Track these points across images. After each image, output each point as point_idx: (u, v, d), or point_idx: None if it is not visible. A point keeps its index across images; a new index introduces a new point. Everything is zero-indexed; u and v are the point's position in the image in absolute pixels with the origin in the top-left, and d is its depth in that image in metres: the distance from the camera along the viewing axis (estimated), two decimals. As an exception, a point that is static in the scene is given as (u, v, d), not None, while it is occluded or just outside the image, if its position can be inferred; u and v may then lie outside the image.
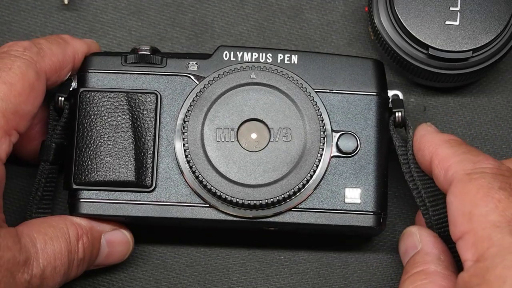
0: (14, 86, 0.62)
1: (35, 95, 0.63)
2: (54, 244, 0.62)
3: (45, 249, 0.62)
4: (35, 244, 0.62)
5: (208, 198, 0.64)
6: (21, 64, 0.63)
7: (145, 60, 0.66)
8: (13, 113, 0.62)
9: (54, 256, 0.62)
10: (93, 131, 0.65)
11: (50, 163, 0.67)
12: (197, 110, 0.65)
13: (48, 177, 0.68)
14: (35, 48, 0.64)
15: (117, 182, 0.65)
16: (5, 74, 0.62)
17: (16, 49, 0.64)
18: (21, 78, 0.62)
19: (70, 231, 0.64)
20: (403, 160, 0.66)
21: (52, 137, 0.67)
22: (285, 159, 0.64)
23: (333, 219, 0.65)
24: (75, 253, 0.64)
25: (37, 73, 0.64)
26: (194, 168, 0.64)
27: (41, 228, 0.63)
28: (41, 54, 0.64)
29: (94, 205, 0.65)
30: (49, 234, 0.63)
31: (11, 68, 0.62)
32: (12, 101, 0.62)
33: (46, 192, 0.68)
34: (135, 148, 0.65)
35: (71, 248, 0.63)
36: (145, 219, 0.65)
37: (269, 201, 0.64)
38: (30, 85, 0.63)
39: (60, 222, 0.64)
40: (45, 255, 0.62)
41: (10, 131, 0.62)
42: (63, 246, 0.63)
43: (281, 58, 0.66)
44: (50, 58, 0.65)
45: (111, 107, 0.65)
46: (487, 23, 0.68)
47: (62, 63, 0.66)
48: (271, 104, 0.65)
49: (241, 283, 0.70)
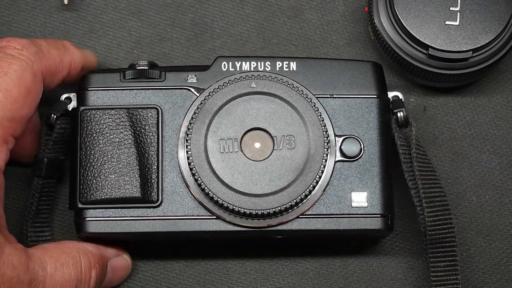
0: (10, 93, 0.61)
1: (32, 98, 0.63)
2: (64, 271, 0.62)
3: (54, 275, 0.62)
4: (44, 268, 0.61)
5: (215, 209, 0.64)
6: (18, 67, 0.62)
7: (143, 75, 0.66)
8: (10, 120, 0.61)
9: (62, 283, 0.62)
10: (96, 149, 0.65)
11: (43, 178, 0.67)
12: (199, 123, 0.65)
13: (43, 191, 0.67)
14: (34, 48, 0.64)
15: (123, 199, 0.64)
16: (1, 80, 0.61)
17: (13, 47, 0.63)
18: (18, 83, 0.62)
19: (82, 260, 0.64)
20: (405, 159, 0.66)
21: (44, 152, 0.67)
22: (290, 167, 0.64)
23: (341, 223, 0.65)
24: (86, 282, 0.63)
25: (34, 75, 0.63)
26: (200, 181, 0.64)
27: (54, 253, 0.63)
28: (39, 55, 0.64)
29: (101, 224, 0.65)
30: (60, 260, 0.62)
31: (7, 73, 0.61)
32: (8, 108, 0.61)
33: (41, 207, 0.68)
34: (139, 164, 0.65)
35: (82, 277, 0.63)
36: (153, 235, 0.65)
37: (276, 209, 0.64)
38: (26, 89, 0.62)
39: (74, 250, 0.64)
40: (52, 281, 0.61)
41: (7, 138, 0.62)
42: (73, 274, 0.63)
43: (279, 65, 0.66)
44: (48, 60, 0.65)
45: (113, 124, 0.65)
46: (487, 23, 0.68)
47: (58, 68, 0.65)
48: (273, 112, 0.65)
49: (241, 283, 0.71)
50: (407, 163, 0.66)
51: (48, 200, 0.68)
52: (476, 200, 0.71)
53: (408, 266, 0.70)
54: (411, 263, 0.70)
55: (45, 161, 0.67)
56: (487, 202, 0.71)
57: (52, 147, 0.67)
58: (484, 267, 0.70)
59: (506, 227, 0.71)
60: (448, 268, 0.66)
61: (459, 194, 0.71)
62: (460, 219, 0.71)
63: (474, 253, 0.71)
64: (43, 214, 0.68)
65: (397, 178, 0.67)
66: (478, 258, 0.71)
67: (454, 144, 0.72)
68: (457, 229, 0.70)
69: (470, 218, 0.71)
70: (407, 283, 0.70)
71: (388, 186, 0.65)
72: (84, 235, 0.65)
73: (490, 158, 0.72)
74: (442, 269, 0.66)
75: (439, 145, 0.72)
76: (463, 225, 0.71)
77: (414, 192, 0.66)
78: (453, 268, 0.66)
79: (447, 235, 0.66)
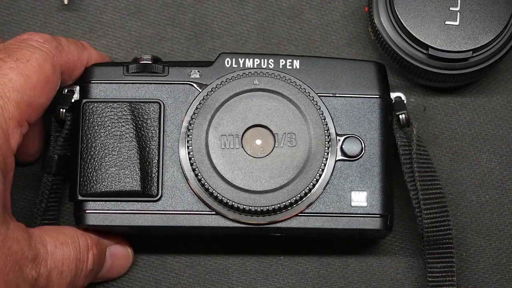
0: (30, 78, 0.62)
1: (49, 88, 0.64)
2: (63, 249, 0.63)
3: (54, 252, 0.62)
4: (45, 246, 0.62)
5: (214, 205, 0.64)
6: (39, 56, 0.63)
7: (146, 69, 0.66)
8: (28, 105, 0.62)
9: (62, 261, 0.62)
10: (97, 142, 0.65)
11: (53, 175, 0.67)
12: (201, 118, 0.65)
13: (52, 188, 0.68)
14: (55, 42, 0.65)
15: (122, 192, 0.64)
16: (23, 65, 0.62)
17: (36, 39, 0.64)
18: (38, 71, 0.63)
19: (80, 240, 0.64)
20: (405, 160, 0.67)
21: (54, 148, 0.67)
22: (291, 164, 0.64)
23: (340, 223, 0.65)
24: (84, 262, 0.64)
25: (54, 67, 0.64)
26: (200, 176, 0.64)
27: (53, 233, 0.63)
28: (59, 48, 0.65)
29: (100, 216, 0.64)
30: (60, 240, 0.63)
31: (29, 60, 0.62)
32: (27, 93, 0.62)
33: (50, 203, 0.68)
34: (139, 157, 0.65)
35: (80, 257, 0.63)
36: (152, 229, 0.65)
37: (275, 207, 0.64)
38: (46, 78, 0.63)
39: (71, 231, 0.64)
40: (53, 258, 0.62)
41: (22, 122, 0.62)
42: (72, 253, 0.63)
43: (283, 63, 0.66)
44: (67, 55, 0.65)
45: (115, 117, 0.65)
46: (487, 23, 0.68)
47: (76, 64, 0.66)
48: (275, 109, 0.65)
49: (241, 283, 0.71)
50: (406, 164, 0.66)
51: (56, 197, 0.68)
52: (476, 200, 0.71)
53: (408, 266, 0.71)
54: (411, 263, 0.71)
55: (56, 158, 0.67)
56: (487, 202, 0.71)
57: (62, 143, 0.67)
58: (484, 267, 0.71)
59: (506, 227, 0.71)
60: (445, 270, 0.67)
61: (459, 194, 0.71)
62: (460, 219, 0.71)
63: (474, 253, 0.71)
64: (51, 212, 0.68)
65: (397, 178, 0.67)
66: (478, 258, 0.71)
67: (454, 144, 0.72)
68: (457, 229, 0.71)
69: (470, 218, 0.71)
70: (407, 283, 0.70)
71: (388, 186, 0.66)
72: (83, 227, 0.65)
73: (490, 158, 0.72)
74: (438, 270, 0.67)
75: (439, 145, 0.72)
76: (463, 225, 0.71)
77: (413, 193, 0.66)
78: (449, 270, 0.67)
79: (444, 236, 0.66)
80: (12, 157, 0.62)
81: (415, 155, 0.66)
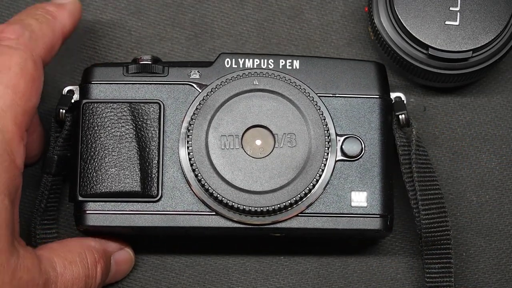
0: (17, 87, 0.61)
1: (36, 86, 0.63)
2: (73, 269, 0.62)
3: (64, 274, 0.62)
4: (54, 268, 0.62)
5: (214, 206, 0.64)
6: (18, 58, 0.61)
7: (146, 69, 0.66)
8: (22, 114, 0.61)
9: (72, 281, 0.62)
10: (97, 142, 0.65)
11: (52, 175, 0.67)
12: (200, 118, 0.65)
13: (52, 188, 0.67)
14: (27, 33, 0.63)
15: (123, 193, 0.64)
16: (6, 76, 0.61)
17: (8, 37, 0.62)
18: (22, 75, 0.61)
19: (88, 257, 0.64)
20: (404, 160, 0.67)
21: (54, 149, 0.67)
22: (291, 165, 0.64)
23: (340, 223, 0.65)
24: (93, 278, 0.64)
25: (35, 62, 0.62)
26: (200, 177, 0.64)
27: (61, 252, 0.63)
28: (33, 37, 0.63)
29: (101, 217, 0.64)
30: (68, 259, 0.63)
31: (11, 68, 0.61)
32: (19, 103, 0.61)
33: (50, 204, 0.68)
34: (139, 158, 0.65)
35: (89, 273, 0.63)
36: (152, 229, 0.65)
37: (275, 207, 0.64)
38: (31, 78, 0.62)
39: (78, 247, 0.64)
40: (63, 280, 0.62)
41: (22, 134, 0.61)
42: (81, 271, 0.63)
43: (283, 63, 0.66)
44: (43, 40, 0.64)
45: (114, 117, 0.65)
46: (487, 23, 0.68)
47: (53, 42, 0.65)
48: (275, 110, 0.65)
49: (241, 283, 0.71)
50: (406, 165, 0.67)
51: (55, 197, 0.68)
52: (476, 200, 0.71)
53: (407, 266, 0.71)
54: (411, 263, 0.71)
55: (55, 158, 0.67)
56: (487, 202, 0.71)
57: (62, 144, 0.67)
58: (484, 267, 0.71)
59: (506, 227, 0.71)
60: (442, 270, 0.67)
61: (459, 194, 0.71)
62: (460, 219, 0.71)
63: (474, 253, 0.71)
64: (51, 212, 0.68)
65: (397, 178, 0.67)
66: (478, 258, 0.71)
67: (454, 144, 0.72)
68: (457, 229, 0.71)
69: (470, 218, 0.71)
70: (407, 283, 0.70)
71: (388, 186, 0.66)
72: (83, 228, 0.65)
73: (490, 158, 0.72)
74: (436, 271, 0.67)
75: (439, 145, 0.72)
76: (463, 225, 0.71)
77: (411, 194, 0.66)
78: (447, 271, 0.67)
79: (442, 237, 0.66)
80: (20, 177, 0.61)
81: (414, 156, 0.66)
